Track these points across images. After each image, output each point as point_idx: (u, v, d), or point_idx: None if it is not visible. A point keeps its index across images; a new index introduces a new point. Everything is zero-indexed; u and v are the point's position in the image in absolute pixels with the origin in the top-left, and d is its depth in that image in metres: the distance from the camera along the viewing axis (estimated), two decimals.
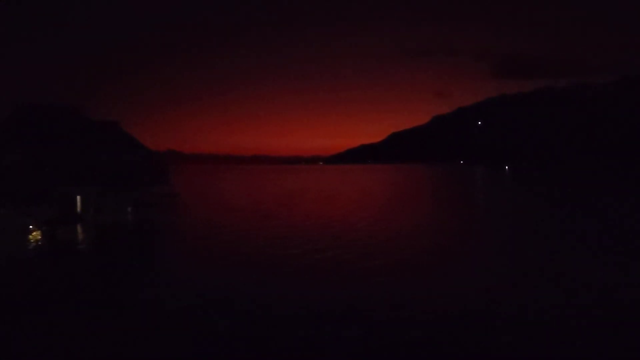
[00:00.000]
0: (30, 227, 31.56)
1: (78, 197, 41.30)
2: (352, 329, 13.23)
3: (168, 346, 12.30)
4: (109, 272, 20.44)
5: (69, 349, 12.06)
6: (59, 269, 20.99)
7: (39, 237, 29.33)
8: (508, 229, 33.51)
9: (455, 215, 41.32)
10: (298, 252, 24.37)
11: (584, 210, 44.80)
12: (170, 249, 26.86)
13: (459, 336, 12.67)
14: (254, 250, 24.90)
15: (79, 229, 33.41)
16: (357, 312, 14.69)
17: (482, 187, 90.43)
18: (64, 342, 12.49)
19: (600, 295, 16.20)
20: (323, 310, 14.84)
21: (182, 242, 28.64)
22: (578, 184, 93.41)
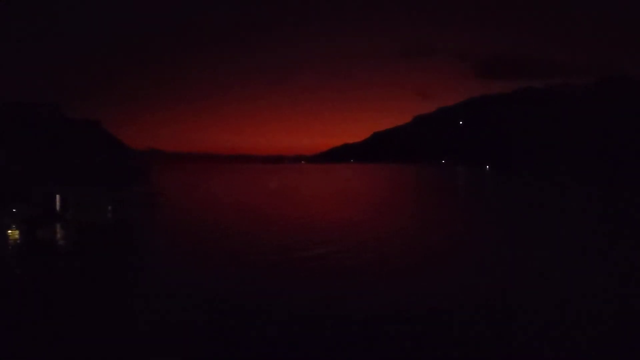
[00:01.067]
0: (9, 226, 31.32)
1: (58, 196, 41.00)
2: (335, 329, 13.57)
3: (153, 347, 12.50)
4: (89, 271, 20.50)
5: (48, 350, 12.20)
6: (38, 268, 20.98)
7: (18, 236, 29.13)
8: (493, 227, 34.22)
9: (440, 215, 41.97)
10: (283, 250, 24.64)
11: (563, 209, 45.84)
12: (151, 248, 26.92)
13: (450, 334, 13.08)
14: (236, 249, 25.09)
15: (59, 228, 33.23)
16: (341, 310, 15.05)
17: (463, 186, 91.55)
18: (43, 343, 12.62)
19: (588, 294, 16.80)
20: (306, 310, 15.17)
21: (163, 241, 28.70)
22: (557, 183, 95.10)
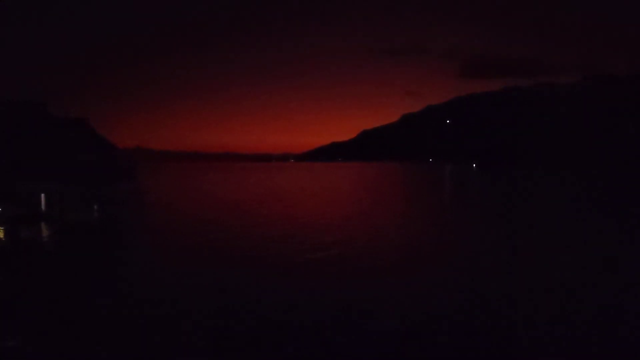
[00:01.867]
0: None
1: (43, 195, 40.46)
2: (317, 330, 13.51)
3: (139, 348, 12.34)
4: (75, 271, 20.21)
5: (32, 351, 11.99)
6: (22, 268, 20.63)
7: (2, 235, 28.66)
8: (479, 226, 34.40)
9: (428, 213, 42.14)
10: (266, 248, 24.54)
11: (548, 205, 46.26)
12: (139, 246, 26.63)
13: (434, 337, 13.08)
14: (224, 247, 24.94)
15: (44, 227, 32.76)
16: (326, 311, 14.99)
17: (451, 184, 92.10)
18: (27, 344, 12.40)
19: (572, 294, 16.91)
20: (293, 310, 15.10)
21: (150, 239, 28.42)
22: (543, 180, 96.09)
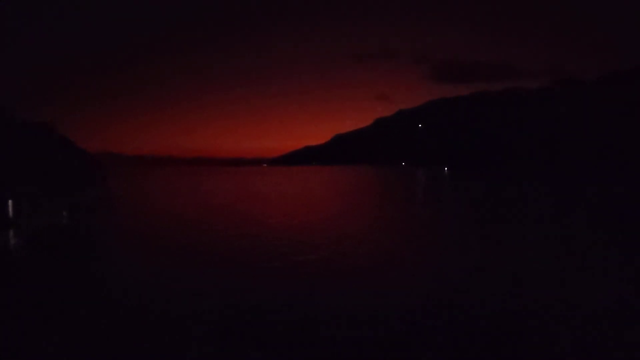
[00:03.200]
0: None
1: (10, 201, 39.71)
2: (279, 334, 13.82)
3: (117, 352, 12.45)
4: (47, 278, 20.06)
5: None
6: None
7: None
8: (450, 229, 35.16)
9: (399, 216, 42.82)
10: (238, 251, 24.73)
11: (517, 208, 47.55)
12: (110, 252, 26.49)
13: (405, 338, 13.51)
14: (195, 251, 25.03)
15: (12, 234, 32.21)
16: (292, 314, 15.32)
17: (422, 188, 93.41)
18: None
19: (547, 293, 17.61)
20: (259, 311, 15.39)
21: (120, 244, 28.28)
22: (512, 183, 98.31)
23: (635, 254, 23.35)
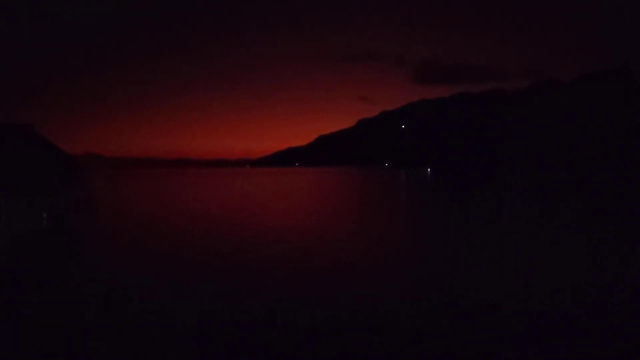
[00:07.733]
0: None
1: None
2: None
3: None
4: (29, 282, 19.80)
5: None
6: None
7: None
8: (433, 231, 35.48)
9: (383, 218, 43.09)
10: (219, 254, 24.69)
11: (499, 207, 48.19)
12: (93, 257, 26.21)
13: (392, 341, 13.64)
14: (177, 254, 24.91)
15: None
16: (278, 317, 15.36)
17: (405, 189, 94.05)
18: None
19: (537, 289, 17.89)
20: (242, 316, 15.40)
21: (102, 247, 28.00)
22: (494, 183, 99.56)
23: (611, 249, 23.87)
